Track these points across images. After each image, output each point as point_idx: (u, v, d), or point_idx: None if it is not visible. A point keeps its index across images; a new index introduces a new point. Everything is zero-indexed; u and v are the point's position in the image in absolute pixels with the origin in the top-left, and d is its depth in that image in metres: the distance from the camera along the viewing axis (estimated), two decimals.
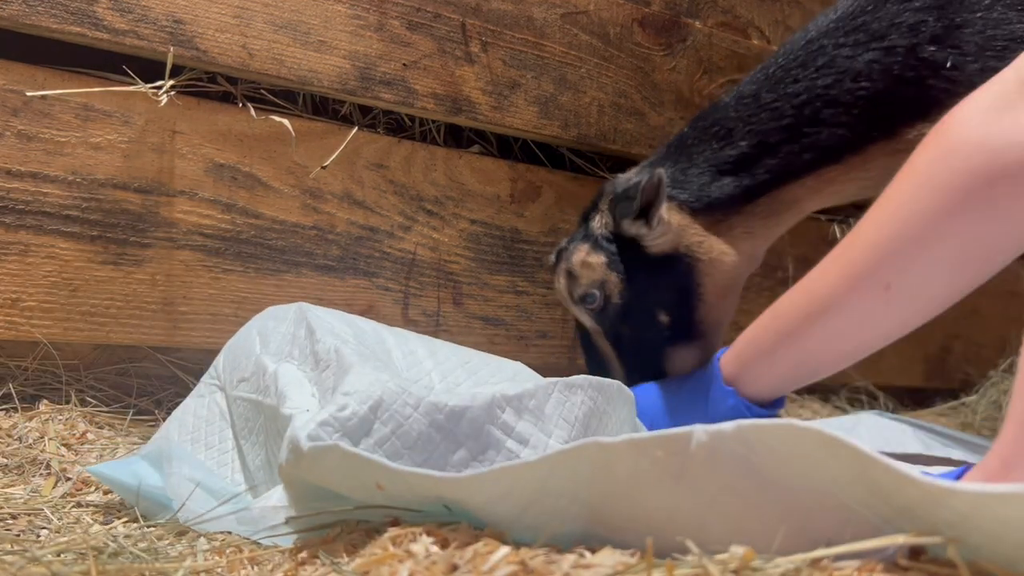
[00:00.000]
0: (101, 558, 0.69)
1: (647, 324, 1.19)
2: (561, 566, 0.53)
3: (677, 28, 1.65)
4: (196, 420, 0.95)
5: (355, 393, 0.72)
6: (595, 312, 1.21)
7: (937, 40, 1.07)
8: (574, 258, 1.22)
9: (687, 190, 1.17)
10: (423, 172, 1.39)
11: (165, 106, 1.16)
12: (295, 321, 0.93)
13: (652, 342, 1.20)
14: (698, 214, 1.17)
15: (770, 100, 1.14)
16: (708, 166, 1.17)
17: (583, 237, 1.23)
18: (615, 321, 1.21)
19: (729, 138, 1.16)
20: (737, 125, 1.16)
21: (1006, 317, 2.22)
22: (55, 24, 1.08)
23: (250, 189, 1.24)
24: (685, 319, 1.19)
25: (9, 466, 0.96)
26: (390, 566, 0.56)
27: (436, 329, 1.39)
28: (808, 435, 0.51)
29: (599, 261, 1.20)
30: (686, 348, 1.19)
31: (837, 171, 1.14)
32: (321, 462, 0.66)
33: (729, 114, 1.17)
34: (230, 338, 1.00)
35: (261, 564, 0.69)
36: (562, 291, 1.25)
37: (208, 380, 0.99)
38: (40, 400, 1.10)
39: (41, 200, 1.10)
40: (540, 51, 1.47)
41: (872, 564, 0.49)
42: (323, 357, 0.83)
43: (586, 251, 1.21)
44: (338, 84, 1.28)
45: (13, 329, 1.08)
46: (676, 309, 1.18)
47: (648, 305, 1.19)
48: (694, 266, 1.18)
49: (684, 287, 1.18)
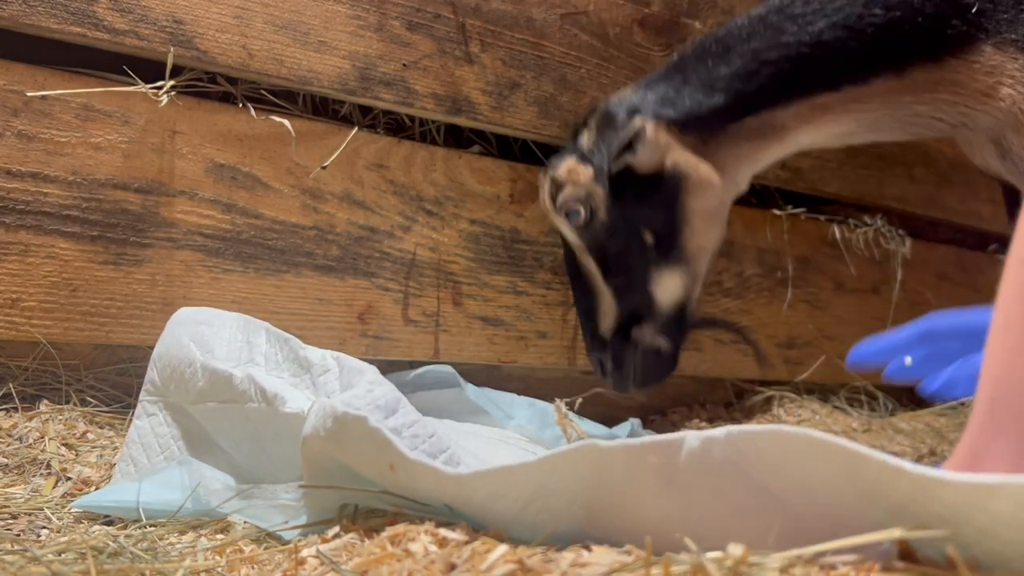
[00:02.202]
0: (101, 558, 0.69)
1: (632, 242, 1.17)
2: (559, 564, 0.53)
3: (677, 29, 1.65)
4: (159, 439, 0.95)
5: (381, 384, 0.75)
6: (580, 228, 1.18)
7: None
8: (561, 167, 1.19)
9: (676, 107, 1.14)
10: (423, 172, 1.39)
11: (165, 106, 1.16)
12: (242, 328, 0.93)
13: (637, 262, 1.17)
14: (686, 131, 1.14)
15: (776, 20, 1.10)
16: (700, 84, 1.14)
17: (572, 151, 1.20)
18: (600, 237, 1.18)
19: (726, 55, 1.13)
20: (736, 44, 1.13)
21: None
22: (55, 24, 1.08)
23: (250, 189, 1.24)
24: (669, 239, 1.16)
25: (9, 466, 0.97)
26: (389, 565, 0.56)
27: (436, 329, 1.39)
28: (798, 439, 0.51)
29: (586, 173, 1.17)
30: (671, 271, 1.17)
31: (832, 99, 1.10)
32: (349, 431, 0.68)
33: (732, 33, 1.14)
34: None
35: (261, 564, 0.69)
36: (545, 199, 1.21)
37: (149, 398, 0.97)
38: (40, 400, 1.10)
39: (41, 200, 1.10)
40: (540, 51, 1.47)
41: (870, 564, 0.50)
42: (317, 363, 0.84)
43: (573, 162, 1.18)
44: (338, 84, 1.28)
45: (13, 329, 1.08)
46: (661, 228, 1.16)
47: (633, 223, 1.16)
48: (680, 185, 1.15)
49: (669, 205, 1.15)
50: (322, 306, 1.29)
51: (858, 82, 1.08)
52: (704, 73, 1.15)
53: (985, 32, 1.02)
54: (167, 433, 0.94)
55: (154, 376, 0.97)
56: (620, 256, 1.18)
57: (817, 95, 1.10)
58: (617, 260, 1.18)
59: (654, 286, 1.17)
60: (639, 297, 1.18)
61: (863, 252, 1.90)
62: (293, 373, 0.86)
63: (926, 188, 1.99)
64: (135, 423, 0.97)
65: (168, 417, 0.95)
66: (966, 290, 2.16)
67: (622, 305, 1.19)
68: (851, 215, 1.92)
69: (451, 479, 0.63)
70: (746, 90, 1.12)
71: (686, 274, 1.18)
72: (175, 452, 0.92)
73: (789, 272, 1.79)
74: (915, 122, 1.12)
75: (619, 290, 1.19)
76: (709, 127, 1.14)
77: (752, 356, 1.75)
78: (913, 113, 1.10)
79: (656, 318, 1.19)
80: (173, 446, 0.93)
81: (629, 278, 1.18)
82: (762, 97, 1.12)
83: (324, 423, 0.70)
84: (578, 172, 1.17)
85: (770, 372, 1.79)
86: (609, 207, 1.16)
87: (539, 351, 1.51)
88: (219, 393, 0.88)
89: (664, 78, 1.19)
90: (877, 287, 1.95)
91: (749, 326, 1.69)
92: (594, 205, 1.16)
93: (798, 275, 1.81)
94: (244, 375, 0.85)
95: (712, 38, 1.17)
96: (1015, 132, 1.03)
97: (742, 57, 1.12)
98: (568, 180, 1.18)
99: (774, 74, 1.10)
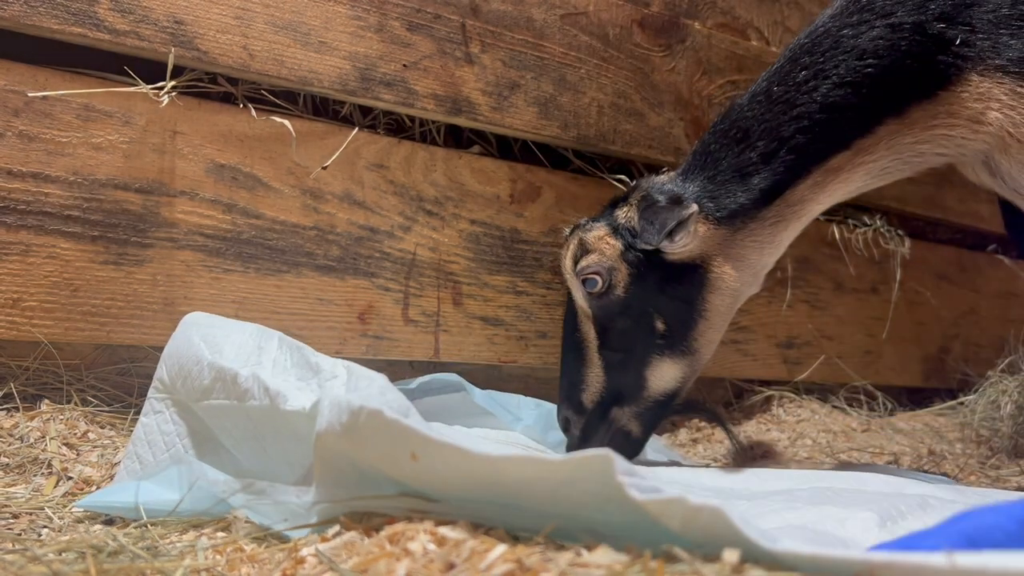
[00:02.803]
0: (101, 557, 0.70)
1: (641, 325, 1.17)
2: (558, 563, 0.53)
3: (676, 29, 1.65)
4: (165, 436, 0.95)
5: (391, 390, 0.77)
6: (593, 296, 1.18)
7: (946, 18, 1.06)
8: (592, 233, 1.20)
9: (715, 199, 1.16)
10: (423, 172, 1.39)
11: (166, 107, 1.16)
12: (254, 335, 0.94)
13: (640, 345, 1.17)
14: (722, 223, 1.16)
15: (781, 93, 1.13)
16: (732, 172, 1.16)
17: (606, 220, 1.21)
18: (610, 311, 1.18)
19: (747, 139, 1.16)
20: (753, 125, 1.15)
21: (1004, 318, 2.23)
22: (56, 25, 1.08)
23: (251, 189, 1.24)
24: (682, 331, 1.17)
25: (10, 465, 0.97)
26: (388, 564, 0.56)
27: (436, 329, 1.39)
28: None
29: (616, 245, 1.17)
30: (672, 361, 1.18)
31: (844, 159, 1.13)
32: (366, 424, 0.68)
33: (745, 114, 1.17)
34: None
35: (261, 563, 0.70)
36: (568, 259, 1.22)
37: (156, 395, 0.98)
38: (41, 400, 1.11)
39: (42, 200, 1.10)
40: (540, 52, 1.48)
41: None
42: (326, 369, 0.84)
43: (606, 231, 1.19)
44: (338, 85, 1.28)
45: (14, 329, 1.09)
46: (675, 318, 1.17)
47: (648, 306, 1.17)
48: (706, 279, 1.17)
49: (690, 298, 1.16)
50: (323, 306, 1.29)
51: (865, 134, 1.11)
52: (733, 159, 1.16)
53: (970, 61, 1.06)
54: (173, 431, 0.94)
55: (163, 374, 0.98)
56: (624, 334, 1.18)
57: (831, 158, 1.13)
58: (620, 337, 1.18)
59: (650, 372, 1.18)
60: (631, 379, 1.18)
61: (862, 252, 1.91)
62: (300, 377, 0.86)
63: (925, 188, 1.99)
64: (141, 420, 0.97)
65: (175, 415, 0.95)
66: (965, 290, 2.16)
67: (610, 380, 1.19)
68: (850, 215, 1.92)
69: (481, 459, 0.62)
70: (774, 173, 1.14)
71: (687, 366, 1.19)
72: (180, 450, 0.93)
73: (788, 272, 1.79)
74: (920, 161, 1.15)
75: (612, 365, 1.19)
76: (741, 218, 1.16)
77: (752, 357, 1.76)
78: (916, 153, 1.13)
79: (639, 402, 1.19)
80: (178, 444, 0.93)
81: (626, 358, 1.18)
82: (787, 175, 1.15)
83: (339, 418, 0.70)
84: (608, 243, 1.18)
85: (769, 371, 1.80)
86: (628, 285, 1.17)
87: (539, 351, 1.51)
88: (223, 390, 0.88)
89: (699, 167, 1.19)
90: (876, 287, 1.96)
91: (721, 415, 1.68)
92: (614, 280, 1.17)
93: (797, 275, 1.81)
94: (249, 373, 0.85)
95: (729, 119, 1.19)
96: (1002, 153, 1.07)
97: (763, 138, 1.14)
98: (596, 248, 1.19)
99: (794, 147, 1.13)
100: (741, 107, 1.18)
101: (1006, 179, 1.10)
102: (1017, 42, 1.04)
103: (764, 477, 1.08)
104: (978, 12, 1.06)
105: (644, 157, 1.62)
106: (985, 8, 1.06)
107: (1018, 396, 1.73)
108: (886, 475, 1.08)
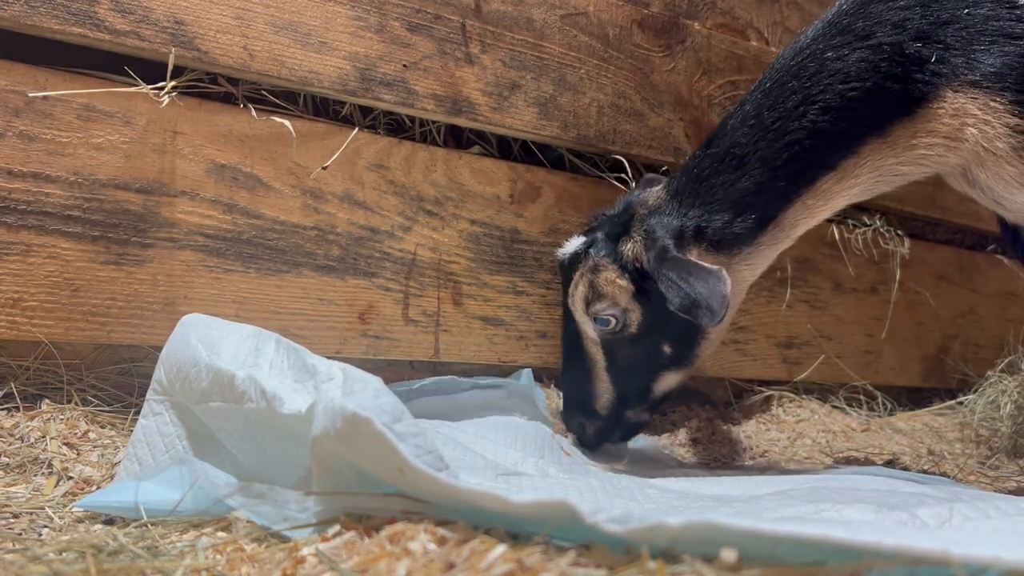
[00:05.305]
0: (101, 556, 0.70)
1: (650, 351, 1.27)
2: (557, 563, 0.53)
3: (676, 29, 1.65)
4: (165, 438, 0.95)
5: (386, 393, 0.77)
6: (606, 332, 1.25)
7: (923, 36, 1.10)
8: (603, 276, 1.23)
9: (713, 229, 1.20)
10: (423, 173, 1.39)
11: (166, 107, 1.16)
12: (252, 336, 0.94)
13: (649, 366, 1.28)
14: (720, 251, 1.20)
15: (772, 120, 1.17)
16: (730, 203, 1.20)
17: (613, 258, 1.23)
18: (621, 343, 1.27)
19: (742, 167, 1.19)
20: (748, 153, 1.18)
21: (1003, 318, 2.23)
22: (57, 25, 1.09)
23: (251, 189, 1.24)
24: (687, 351, 1.28)
25: (11, 465, 0.97)
26: (388, 564, 0.56)
27: (436, 329, 1.39)
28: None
29: (628, 290, 1.22)
30: (676, 373, 1.30)
31: (831, 180, 1.17)
32: (359, 431, 0.69)
33: (739, 140, 1.19)
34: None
35: (261, 562, 0.70)
36: (578, 299, 1.25)
37: (155, 397, 0.98)
38: (42, 399, 1.11)
39: (43, 200, 1.10)
40: (540, 52, 1.48)
41: None
42: (323, 371, 0.84)
43: (616, 274, 1.22)
44: (339, 85, 1.29)
45: (15, 329, 1.09)
46: (682, 342, 1.26)
47: (658, 337, 1.26)
48: None
49: (694, 325, 1.20)
50: (323, 306, 1.29)
51: (850, 155, 1.15)
52: (729, 187, 1.20)
53: (945, 78, 1.09)
54: (173, 432, 0.94)
55: (161, 375, 0.98)
56: (634, 359, 1.28)
57: (818, 181, 1.17)
58: (629, 360, 1.28)
59: (656, 383, 1.30)
60: (639, 389, 1.30)
61: (862, 252, 1.91)
62: (296, 379, 0.87)
63: (925, 188, 1.99)
64: (141, 422, 0.97)
65: (174, 416, 0.95)
66: (964, 290, 2.16)
67: (618, 391, 1.30)
68: (850, 215, 1.92)
69: (451, 490, 0.64)
70: (768, 202, 1.19)
71: (687, 371, 1.32)
72: (180, 452, 0.93)
73: (788, 272, 1.80)
74: (901, 179, 1.20)
75: (620, 382, 1.29)
76: (738, 246, 1.21)
77: (752, 357, 1.76)
78: (898, 173, 1.18)
79: (647, 402, 1.32)
80: (178, 445, 0.93)
81: (635, 375, 1.29)
82: (781, 201, 1.19)
83: (334, 423, 0.70)
84: (619, 286, 1.22)
85: (769, 371, 1.80)
86: (640, 324, 1.24)
87: (539, 351, 1.51)
88: (220, 393, 0.88)
89: (693, 192, 1.22)
90: (876, 287, 1.96)
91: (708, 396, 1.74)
92: (628, 320, 1.24)
93: (797, 275, 1.81)
94: (246, 376, 0.86)
95: (724, 143, 1.21)
96: (979, 167, 1.11)
97: (758, 166, 1.18)
98: (608, 293, 1.23)
99: (786, 174, 1.17)
100: (734, 130, 1.21)
101: (984, 190, 1.14)
102: (989, 57, 1.07)
103: (759, 482, 1.10)
104: (952, 29, 1.09)
105: (644, 157, 1.62)
106: (958, 25, 1.09)
107: (1017, 396, 1.73)
108: (882, 476, 1.10)
